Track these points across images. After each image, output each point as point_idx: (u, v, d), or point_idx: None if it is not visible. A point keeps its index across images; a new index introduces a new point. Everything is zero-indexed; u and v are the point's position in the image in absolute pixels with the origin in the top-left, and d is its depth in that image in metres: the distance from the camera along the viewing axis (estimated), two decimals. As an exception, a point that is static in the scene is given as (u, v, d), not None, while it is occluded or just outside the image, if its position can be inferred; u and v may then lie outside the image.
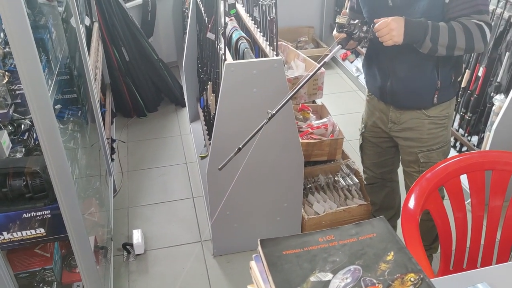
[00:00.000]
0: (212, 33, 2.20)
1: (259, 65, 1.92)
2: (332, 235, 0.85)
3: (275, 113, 1.63)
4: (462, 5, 1.60)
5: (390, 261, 0.79)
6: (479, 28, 1.59)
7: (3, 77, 1.43)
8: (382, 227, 0.87)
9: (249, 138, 1.61)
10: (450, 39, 1.59)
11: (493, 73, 2.63)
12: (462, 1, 1.60)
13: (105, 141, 2.72)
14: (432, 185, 1.54)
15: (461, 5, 1.60)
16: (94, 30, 3.13)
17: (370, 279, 0.76)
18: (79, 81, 2.40)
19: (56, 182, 1.50)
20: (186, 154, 3.24)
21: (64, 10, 2.29)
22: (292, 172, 2.20)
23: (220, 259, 2.38)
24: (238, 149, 1.58)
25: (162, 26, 4.24)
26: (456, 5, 1.61)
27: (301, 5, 4.65)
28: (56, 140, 1.45)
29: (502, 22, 2.54)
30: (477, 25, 1.59)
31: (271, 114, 1.62)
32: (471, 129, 2.78)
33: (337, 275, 0.77)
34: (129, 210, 2.73)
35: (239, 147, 1.59)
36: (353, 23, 1.68)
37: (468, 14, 1.60)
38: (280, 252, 0.82)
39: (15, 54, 1.27)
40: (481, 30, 1.59)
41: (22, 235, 1.61)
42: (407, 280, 0.75)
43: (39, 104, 1.36)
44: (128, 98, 3.61)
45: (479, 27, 1.59)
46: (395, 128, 1.93)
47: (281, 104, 1.65)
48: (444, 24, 1.61)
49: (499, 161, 1.57)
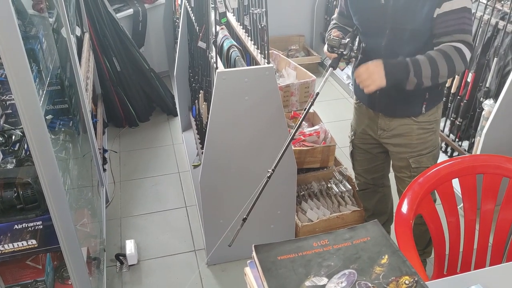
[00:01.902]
0: (203, 42, 2.20)
1: (250, 73, 1.93)
2: (326, 240, 0.85)
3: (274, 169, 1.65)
4: (447, 22, 1.62)
5: (384, 264, 0.79)
6: (458, 51, 1.60)
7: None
8: (376, 230, 0.87)
9: (253, 204, 1.63)
10: (432, 70, 1.61)
11: (482, 79, 2.66)
12: (447, 19, 1.61)
13: (97, 151, 2.71)
14: (425, 189, 1.54)
15: (446, 23, 1.62)
16: (85, 40, 3.12)
17: (365, 282, 0.76)
18: (70, 91, 2.39)
19: (47, 193, 1.49)
20: (178, 163, 3.23)
21: (54, 21, 2.29)
22: (285, 179, 2.20)
23: (214, 268, 2.37)
24: (244, 220, 1.59)
25: (153, 36, 4.25)
26: (441, 21, 1.62)
27: (292, 14, 4.68)
28: (48, 151, 1.44)
29: (489, 28, 2.58)
30: (456, 48, 1.60)
31: (271, 171, 1.65)
32: (461, 134, 2.81)
33: (332, 279, 0.77)
34: (121, 220, 2.72)
35: (244, 217, 1.60)
36: (344, 43, 1.71)
37: (450, 33, 1.62)
38: (274, 257, 0.81)
39: (6, 65, 1.27)
40: (460, 53, 1.60)
41: (13, 247, 1.59)
42: (402, 283, 0.76)
43: (30, 115, 1.36)
44: (119, 108, 3.60)
45: (458, 50, 1.60)
46: (384, 135, 1.94)
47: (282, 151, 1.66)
48: (422, 56, 1.62)
49: (490, 164, 1.59)
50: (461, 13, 1.61)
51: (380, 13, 1.70)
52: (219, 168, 2.11)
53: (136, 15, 3.95)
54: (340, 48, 1.72)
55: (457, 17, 1.61)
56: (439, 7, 1.61)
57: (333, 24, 2.01)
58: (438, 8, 1.61)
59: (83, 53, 2.89)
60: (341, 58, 1.75)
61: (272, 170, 1.66)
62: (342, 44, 1.71)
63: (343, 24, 1.96)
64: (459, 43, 1.61)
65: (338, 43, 1.71)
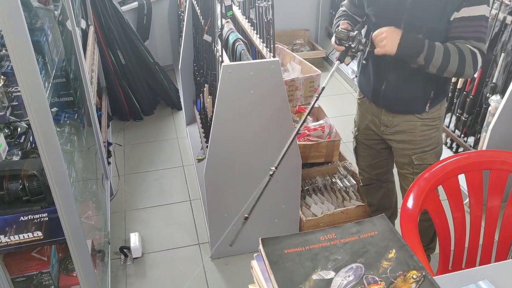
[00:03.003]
0: (208, 35, 2.19)
1: (256, 66, 1.92)
2: (333, 234, 0.85)
3: (277, 166, 1.65)
4: (464, 28, 1.60)
5: (392, 258, 0.79)
6: (473, 54, 1.58)
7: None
8: (383, 225, 0.87)
9: (255, 203, 1.62)
10: (443, 61, 1.59)
11: (488, 74, 2.64)
12: (464, 24, 1.59)
13: (101, 144, 2.71)
14: (430, 185, 1.54)
15: (462, 28, 1.60)
16: (90, 33, 3.12)
17: (373, 276, 0.76)
18: (75, 84, 2.38)
19: (53, 185, 1.49)
20: (183, 157, 3.23)
21: (60, 13, 2.28)
22: (290, 173, 2.20)
23: (218, 261, 2.38)
24: (245, 218, 1.58)
25: (158, 29, 4.24)
26: (458, 26, 1.60)
27: (297, 8, 4.66)
28: (53, 143, 1.44)
29: (497, 24, 2.56)
30: (472, 51, 1.58)
31: (274, 169, 1.64)
32: (467, 130, 2.79)
33: (339, 273, 0.77)
34: (126, 213, 2.72)
35: (245, 215, 1.59)
36: (352, 36, 1.68)
37: (466, 38, 1.60)
38: (281, 250, 0.81)
39: (12, 57, 1.27)
40: (473, 57, 1.59)
41: (19, 239, 1.59)
42: (409, 277, 0.75)
43: (36, 107, 1.36)
44: (124, 102, 3.60)
45: (473, 54, 1.59)
46: (387, 131, 1.93)
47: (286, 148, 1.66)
48: (440, 44, 1.60)
49: (496, 160, 1.58)
50: (479, 21, 1.59)
51: (397, 5, 1.67)
52: (224, 162, 2.11)
53: (141, 8, 3.94)
54: (348, 40, 1.69)
55: (474, 24, 1.59)
56: (458, 11, 1.58)
57: (342, 11, 1.97)
58: (456, 12, 1.59)
59: (88, 46, 2.89)
60: (348, 51, 1.73)
61: (275, 167, 1.65)
62: (350, 37, 1.69)
63: (353, 13, 1.92)
64: (475, 49, 1.60)
65: (346, 35, 1.69)
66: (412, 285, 0.74)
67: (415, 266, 0.77)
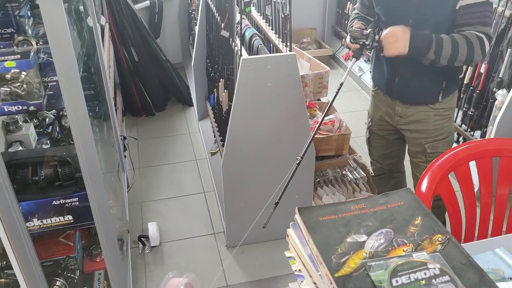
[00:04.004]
0: (226, 31, 2.28)
1: (273, 60, 2.01)
2: (363, 204, 0.93)
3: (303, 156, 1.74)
4: (469, 14, 1.68)
5: (418, 224, 0.87)
6: (479, 40, 1.67)
7: (37, 72, 1.50)
8: (408, 196, 0.95)
9: (284, 188, 1.72)
10: (453, 51, 1.67)
11: (495, 69, 2.72)
12: (470, 11, 1.68)
13: (118, 137, 2.79)
14: (444, 171, 1.62)
15: (468, 14, 1.68)
16: (105, 30, 3.20)
17: (402, 239, 0.84)
18: (95, 78, 2.47)
19: (85, 170, 1.57)
20: (195, 151, 3.32)
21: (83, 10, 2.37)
22: (304, 164, 2.27)
23: (233, 250, 2.45)
24: (276, 204, 1.69)
25: (168, 27, 4.32)
26: (464, 13, 1.69)
27: (304, 7, 4.74)
28: (87, 130, 1.52)
29: (503, 20, 2.64)
30: (478, 37, 1.67)
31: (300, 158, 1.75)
32: (473, 124, 2.87)
33: (371, 236, 0.84)
34: (142, 205, 2.80)
35: (276, 201, 1.70)
36: (365, 34, 1.77)
37: (473, 24, 1.68)
38: (317, 218, 0.89)
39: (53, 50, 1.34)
40: (481, 42, 1.67)
41: (51, 222, 1.67)
42: (435, 240, 0.83)
43: (72, 95, 1.44)
44: (137, 98, 3.68)
45: (480, 39, 1.67)
46: (401, 121, 2.01)
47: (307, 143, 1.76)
48: (446, 36, 1.68)
49: (505, 148, 1.66)
50: (484, 7, 1.67)
51: (404, 3, 1.76)
52: (240, 153, 2.19)
53: (152, 6, 4.02)
54: (362, 38, 1.78)
55: (479, 10, 1.67)
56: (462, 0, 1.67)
57: (355, 14, 2.07)
58: (461, 0, 1.67)
59: (104, 43, 2.97)
60: (363, 48, 1.81)
61: (301, 157, 1.73)
62: (364, 35, 1.78)
63: (365, 14, 2.02)
64: (481, 34, 1.68)
65: (360, 34, 1.78)
66: (438, 246, 0.82)
67: (439, 231, 0.85)
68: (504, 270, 0.91)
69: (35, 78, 1.48)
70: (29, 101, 1.46)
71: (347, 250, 0.82)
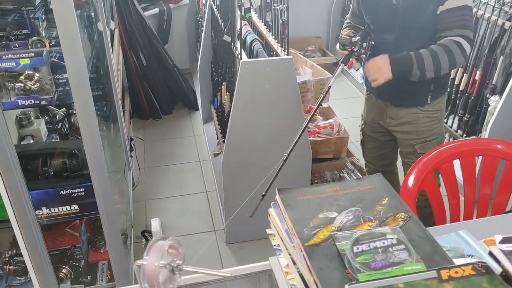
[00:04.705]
0: (228, 36, 2.40)
1: (271, 63, 2.12)
2: (337, 187, 1.02)
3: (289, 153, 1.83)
4: (449, 18, 1.79)
5: (385, 204, 0.96)
6: (458, 45, 1.77)
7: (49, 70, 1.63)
8: (379, 181, 1.04)
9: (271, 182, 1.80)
10: (434, 63, 1.78)
11: (488, 76, 2.81)
12: (449, 15, 1.79)
13: (125, 137, 2.91)
14: (429, 168, 1.70)
15: (448, 19, 1.79)
16: (115, 35, 3.34)
17: (368, 216, 0.93)
18: (104, 79, 2.60)
19: (91, 162, 1.68)
20: (199, 152, 3.43)
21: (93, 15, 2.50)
22: (301, 163, 2.38)
23: (232, 246, 2.55)
24: (263, 196, 1.78)
25: (177, 34, 4.47)
26: (444, 17, 1.80)
27: (309, 16, 4.86)
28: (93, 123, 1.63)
29: (496, 29, 2.73)
30: (456, 42, 1.77)
31: (287, 155, 1.82)
32: (469, 130, 2.95)
33: (341, 213, 0.94)
34: (146, 202, 2.91)
35: (263, 193, 1.79)
36: (354, 41, 1.89)
37: (452, 28, 1.79)
38: (294, 197, 0.99)
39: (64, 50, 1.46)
40: (460, 47, 1.77)
41: (58, 211, 1.79)
42: (398, 217, 0.93)
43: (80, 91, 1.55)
44: (144, 101, 3.82)
45: (458, 44, 1.77)
46: (392, 123, 2.11)
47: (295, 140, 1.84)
48: (425, 50, 1.80)
49: (488, 147, 1.75)
50: (462, 11, 1.78)
51: (391, 12, 1.87)
52: (240, 152, 2.29)
53: (161, 14, 4.17)
54: (350, 45, 1.91)
55: (458, 14, 1.78)
56: (442, 5, 1.78)
57: (346, 23, 2.20)
58: (441, 6, 1.78)
59: (114, 47, 3.10)
60: (352, 54, 1.94)
61: (288, 154, 1.83)
62: (352, 42, 1.90)
63: (356, 23, 2.13)
64: (459, 38, 1.78)
65: (348, 41, 1.91)
66: (400, 222, 0.91)
67: (403, 209, 0.94)
68: (464, 248, 0.99)
69: (47, 75, 1.60)
70: (41, 96, 1.58)
71: (318, 224, 0.91)
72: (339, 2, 4.78)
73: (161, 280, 0.84)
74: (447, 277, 0.75)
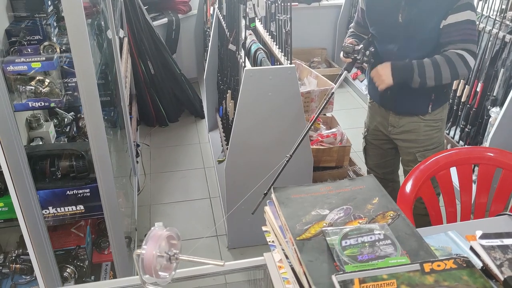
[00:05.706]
0: (233, 45, 2.46)
1: (274, 71, 2.17)
2: (330, 186, 1.07)
3: (292, 154, 1.89)
4: (452, 32, 1.84)
5: (375, 203, 1.01)
6: (461, 57, 1.82)
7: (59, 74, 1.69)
8: (371, 181, 1.09)
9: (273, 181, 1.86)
10: (435, 72, 1.83)
11: (490, 88, 2.84)
12: (452, 29, 1.84)
13: (131, 143, 2.98)
14: (426, 175, 1.74)
15: (451, 33, 1.84)
16: (124, 44, 3.42)
17: (359, 214, 0.98)
18: (112, 86, 2.67)
19: (97, 164, 1.73)
20: (204, 159, 3.48)
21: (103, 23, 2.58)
22: (302, 170, 2.42)
23: (234, 251, 2.59)
24: (265, 194, 1.83)
25: (185, 44, 4.55)
26: (447, 32, 1.85)
27: (315, 28, 4.94)
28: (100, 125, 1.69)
29: (497, 42, 2.77)
30: (459, 54, 1.82)
31: (289, 156, 1.88)
32: (471, 141, 2.98)
33: (332, 211, 0.98)
34: (151, 207, 2.97)
35: (265, 192, 1.84)
36: (357, 50, 1.95)
37: (455, 42, 1.84)
38: (288, 195, 1.04)
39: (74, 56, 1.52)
40: (462, 59, 1.82)
41: (64, 211, 1.84)
42: (388, 215, 0.97)
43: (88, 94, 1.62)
44: (151, 108, 3.89)
45: (460, 56, 1.82)
46: (394, 131, 2.15)
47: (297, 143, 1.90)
48: (427, 59, 1.85)
49: (484, 156, 1.78)
50: (465, 25, 1.83)
51: (395, 24, 1.93)
52: (243, 157, 2.34)
53: (170, 24, 4.25)
54: (353, 53, 1.96)
55: (460, 28, 1.83)
56: (445, 19, 1.83)
57: (350, 32, 2.25)
58: (444, 20, 1.83)
59: (122, 55, 3.18)
60: (355, 62, 2.00)
61: (290, 155, 1.88)
62: (356, 50, 1.96)
63: (360, 32, 2.19)
64: (462, 51, 1.82)
65: (351, 49, 1.96)
66: (389, 220, 0.96)
67: (392, 208, 0.99)
68: (452, 248, 1.03)
69: (57, 79, 1.66)
70: (51, 99, 1.64)
71: (310, 221, 0.96)
72: (345, 14, 4.85)
73: (158, 268, 0.88)
74: (429, 270, 0.79)
